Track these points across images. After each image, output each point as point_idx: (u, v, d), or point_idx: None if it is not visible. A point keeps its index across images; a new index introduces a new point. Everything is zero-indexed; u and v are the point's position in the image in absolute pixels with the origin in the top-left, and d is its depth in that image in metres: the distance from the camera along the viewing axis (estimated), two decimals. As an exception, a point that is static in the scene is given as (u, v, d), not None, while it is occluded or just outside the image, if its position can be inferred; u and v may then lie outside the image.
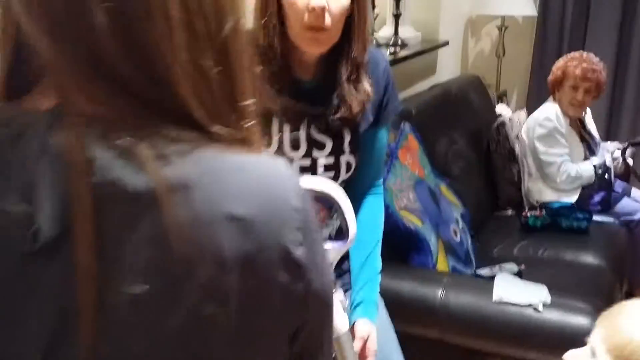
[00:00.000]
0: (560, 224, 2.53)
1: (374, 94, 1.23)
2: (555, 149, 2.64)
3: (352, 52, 1.17)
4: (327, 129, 1.22)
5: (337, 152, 1.23)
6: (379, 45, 2.72)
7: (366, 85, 1.21)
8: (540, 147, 2.65)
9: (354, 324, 1.23)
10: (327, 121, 1.21)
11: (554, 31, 3.57)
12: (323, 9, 1.09)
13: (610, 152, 2.79)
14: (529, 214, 2.57)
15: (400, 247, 1.91)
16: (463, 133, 2.77)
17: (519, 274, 2.04)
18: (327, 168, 1.23)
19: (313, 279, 0.52)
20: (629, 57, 3.45)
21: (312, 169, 1.22)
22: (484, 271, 2.07)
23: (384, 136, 1.33)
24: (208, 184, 0.47)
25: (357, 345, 1.20)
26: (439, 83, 3.12)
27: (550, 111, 2.63)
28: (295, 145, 1.20)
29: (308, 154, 1.21)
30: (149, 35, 0.47)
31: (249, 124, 0.53)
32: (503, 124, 2.83)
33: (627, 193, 2.78)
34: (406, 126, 2.14)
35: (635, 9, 3.37)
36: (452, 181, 2.46)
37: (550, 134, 2.62)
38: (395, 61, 2.75)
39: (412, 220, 1.92)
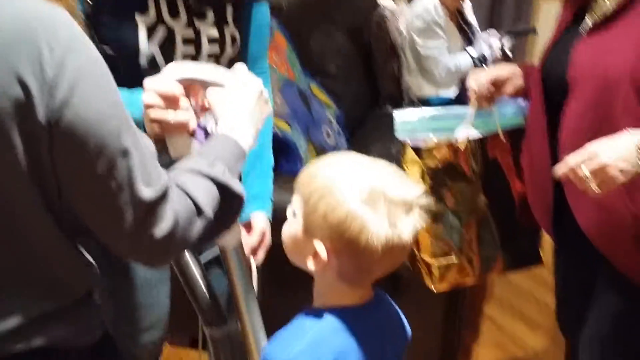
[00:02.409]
0: (439, 120, 2.50)
1: None
2: (433, 41, 2.57)
3: None
4: None
5: (220, 23, 1.18)
6: None
7: None
8: (418, 40, 2.58)
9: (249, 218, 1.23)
10: None
11: None
12: None
13: (487, 42, 2.76)
14: (407, 111, 2.52)
15: (268, 154, 1.82)
16: (341, 27, 2.64)
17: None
18: (211, 41, 1.18)
19: (67, 99, 0.61)
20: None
21: (196, 42, 1.16)
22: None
23: (265, 12, 1.28)
24: None
25: (254, 239, 1.21)
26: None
27: (428, 3, 2.54)
28: (173, 12, 1.12)
29: (190, 23, 1.14)
30: None
31: None
32: (384, 17, 2.72)
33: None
34: (272, 22, 1.99)
35: None
36: (328, 80, 2.36)
37: (428, 27, 2.54)
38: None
39: (280, 126, 1.82)
